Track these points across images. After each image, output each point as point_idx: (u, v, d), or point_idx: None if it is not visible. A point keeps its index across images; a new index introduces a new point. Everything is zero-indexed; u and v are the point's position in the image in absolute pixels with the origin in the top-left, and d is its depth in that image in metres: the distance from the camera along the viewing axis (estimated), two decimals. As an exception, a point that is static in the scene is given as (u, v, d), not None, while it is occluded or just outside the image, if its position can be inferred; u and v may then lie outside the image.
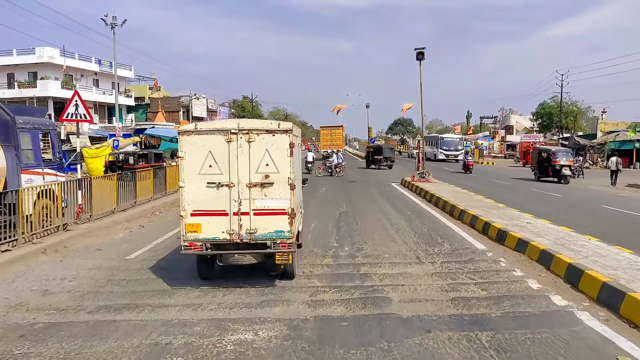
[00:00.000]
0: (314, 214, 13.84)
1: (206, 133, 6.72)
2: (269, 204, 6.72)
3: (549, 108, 64.33)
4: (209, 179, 6.66)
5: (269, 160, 6.71)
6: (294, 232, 6.82)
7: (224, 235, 6.74)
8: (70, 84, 47.32)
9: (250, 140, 6.69)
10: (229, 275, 7.41)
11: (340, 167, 29.29)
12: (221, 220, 6.72)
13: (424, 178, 20.77)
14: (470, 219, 11.44)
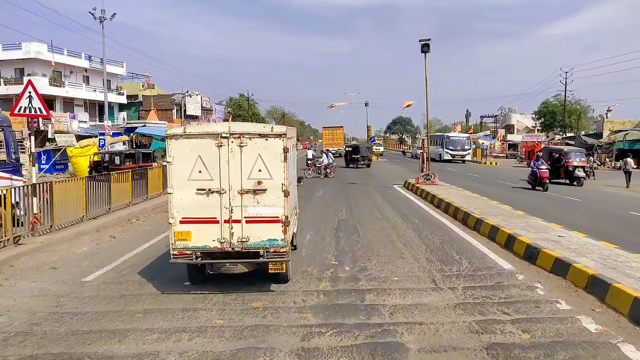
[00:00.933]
0: (310, 221, 12.34)
1: (196, 137, 6.37)
2: (262, 212, 6.40)
3: (552, 107, 62.91)
4: (199, 185, 6.36)
5: (262, 165, 6.38)
6: (287, 239, 6.49)
7: (215, 243, 6.43)
8: (59, 80, 45.72)
9: (242, 144, 6.37)
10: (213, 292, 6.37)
11: (330, 167, 27.49)
12: (212, 228, 6.41)
13: (429, 180, 19.26)
14: (490, 230, 9.93)
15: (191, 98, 52.19)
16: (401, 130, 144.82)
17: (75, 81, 48.03)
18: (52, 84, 44.27)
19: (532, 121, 78.51)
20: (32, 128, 11.82)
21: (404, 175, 27.95)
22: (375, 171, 32.85)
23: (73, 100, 47.50)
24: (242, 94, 75.27)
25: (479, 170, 35.27)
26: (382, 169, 35.21)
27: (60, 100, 46.17)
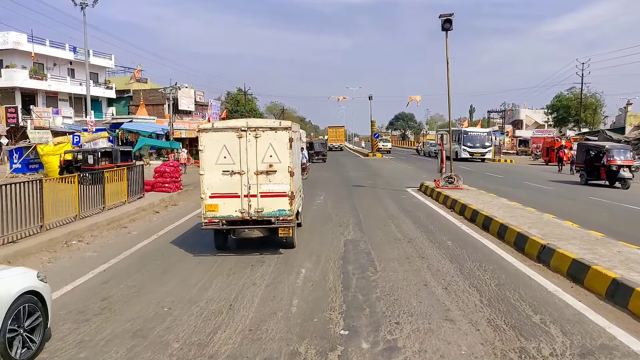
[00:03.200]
0: (307, 244, 9.19)
1: (221, 130, 8.27)
2: (273, 188, 8.23)
3: (566, 100, 59.55)
4: (224, 167, 8.16)
5: (272, 152, 8.17)
6: (293, 210, 8.33)
7: (237, 213, 8.25)
8: (40, 73, 42.53)
9: (257, 136, 8.16)
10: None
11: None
12: (234, 202, 8.23)
13: (452, 184, 16.05)
14: (571, 266, 6.75)
15: (183, 92, 48.92)
16: (404, 126, 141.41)
17: (59, 74, 44.85)
18: (32, 77, 41.11)
19: (543, 116, 75.15)
20: (10, 124, 9.02)
21: (416, 176, 24.79)
22: (383, 171, 29.63)
23: (57, 94, 44.32)
24: (240, 88, 71.80)
25: (497, 169, 32.01)
26: (391, 169, 31.97)
27: (42, 95, 43.00)
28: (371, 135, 56.35)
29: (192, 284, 6.91)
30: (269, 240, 8.97)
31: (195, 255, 8.55)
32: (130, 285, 6.90)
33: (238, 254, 8.61)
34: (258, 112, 77.97)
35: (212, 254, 8.62)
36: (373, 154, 51.26)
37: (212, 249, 8.91)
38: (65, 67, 45.88)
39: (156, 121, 42.25)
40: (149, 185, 16.92)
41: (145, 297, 6.38)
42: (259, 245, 8.96)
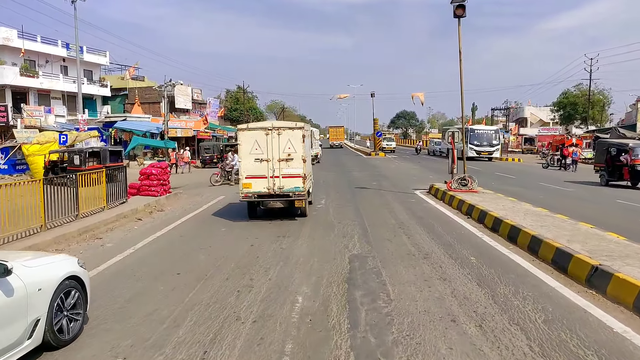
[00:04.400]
0: (306, 260, 7.80)
1: (254, 130, 11.56)
2: (291, 171, 11.35)
3: (573, 97, 57.99)
4: (255, 156, 11.30)
5: (290, 145, 11.35)
6: (305, 188, 11.54)
7: (264, 189, 11.36)
8: (31, 70, 41.14)
9: (279, 133, 11.34)
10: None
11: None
12: (263, 181, 11.34)
13: (465, 186, 14.63)
14: (638, 296, 5.34)
15: (180, 90, 47.51)
16: (405, 124, 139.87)
17: (51, 71, 43.46)
18: (23, 74, 39.71)
19: (548, 114, 73.57)
20: (0, 123, 7.77)
21: (423, 177, 23.39)
22: (387, 171, 28.20)
23: (49, 92, 42.94)
24: (240, 86, 70.34)
25: (506, 169, 30.60)
26: (395, 169, 30.56)
27: (34, 93, 41.60)
28: (373, 133, 54.89)
29: (159, 320, 5.52)
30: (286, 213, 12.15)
31: (175, 275, 7.17)
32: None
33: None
34: (258, 111, 76.58)
35: (196, 278, 7.22)
36: (376, 153, 49.84)
37: (198, 268, 7.53)
38: (58, 64, 44.50)
39: (151, 120, 40.84)
40: (134, 188, 15.55)
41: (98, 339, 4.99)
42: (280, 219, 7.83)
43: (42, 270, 4.74)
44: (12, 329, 4.16)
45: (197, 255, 8.44)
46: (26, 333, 4.32)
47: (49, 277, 4.70)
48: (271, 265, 7.70)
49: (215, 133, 48.75)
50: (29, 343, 4.36)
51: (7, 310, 4.13)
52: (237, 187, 12.09)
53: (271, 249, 8.85)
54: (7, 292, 4.15)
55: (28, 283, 4.39)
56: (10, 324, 4.15)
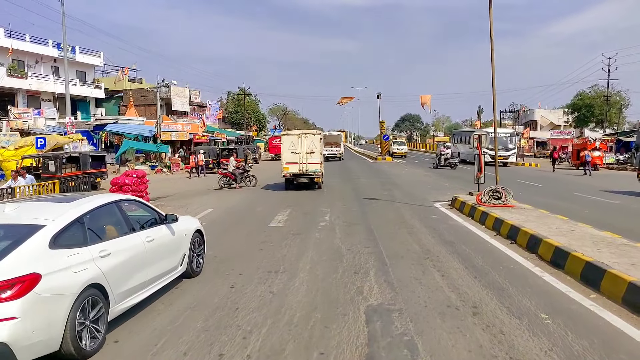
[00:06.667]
0: (306, 323, 5.38)
1: (291, 135, 19.64)
2: (313, 159, 18.96)
3: (589, 99, 55.37)
4: (292, 150, 18.93)
5: (312, 144, 18.96)
6: (322, 171, 19.46)
7: (297, 171, 19.04)
8: (20, 71, 39.01)
9: (306, 137, 19.10)
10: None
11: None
12: (296, 166, 18.97)
13: (498, 200, 12.18)
14: None
15: (176, 91, 45.27)
16: (410, 127, 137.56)
17: (41, 72, 41.31)
18: (11, 75, 37.57)
19: (559, 116, 70.88)
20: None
21: (438, 185, 21.00)
22: (397, 178, 25.75)
23: (39, 94, 40.78)
24: (242, 88, 68.04)
25: (527, 175, 28.12)
26: (406, 175, 28.07)
27: (22, 94, 39.47)
28: (380, 136, 52.43)
29: None
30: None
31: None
32: None
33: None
34: (260, 113, 74.44)
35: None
36: (382, 157, 47.42)
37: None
38: (49, 64, 42.36)
39: (145, 122, 38.58)
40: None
41: None
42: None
43: (186, 223, 7.16)
44: (175, 257, 6.58)
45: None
46: (180, 261, 6.71)
47: (189, 228, 7.15)
48: (253, 327, 5.32)
49: (214, 137, 46.41)
50: (181, 268, 6.78)
51: (173, 245, 6.53)
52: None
53: (257, 294, 6.47)
54: (173, 233, 6.59)
55: (181, 229, 6.80)
56: (174, 253, 6.58)
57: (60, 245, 4.65)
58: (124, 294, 5.30)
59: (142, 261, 5.69)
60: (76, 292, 4.48)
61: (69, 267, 4.54)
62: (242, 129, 60.80)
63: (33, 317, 4.08)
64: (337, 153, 45.99)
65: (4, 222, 4.88)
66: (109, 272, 5.01)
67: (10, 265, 4.14)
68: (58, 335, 4.28)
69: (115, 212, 5.81)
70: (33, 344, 4.08)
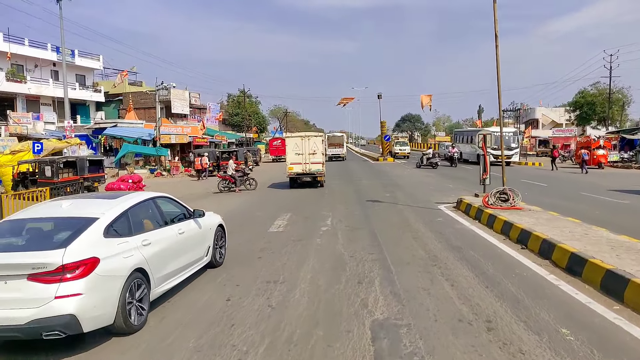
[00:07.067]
0: (306, 343, 4.97)
1: (295, 137, 21.57)
2: (315, 159, 20.44)
3: (591, 97, 54.83)
4: (296, 151, 20.47)
5: (315, 145, 20.43)
6: (324, 171, 20.92)
7: (301, 170, 20.52)
8: (19, 75, 38.74)
9: (309, 138, 20.81)
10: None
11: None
12: (299, 166, 20.45)
13: (506, 202, 11.75)
14: None
15: (176, 94, 44.93)
16: (410, 127, 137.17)
17: (40, 76, 41.01)
18: (10, 79, 37.28)
19: (561, 114, 70.33)
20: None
21: (441, 187, 20.59)
22: (399, 179, 25.33)
23: (39, 98, 40.52)
24: (242, 90, 67.63)
25: (530, 175, 27.67)
26: (408, 176, 27.64)
27: (22, 99, 39.19)
28: (381, 137, 51.99)
29: None
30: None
31: None
32: None
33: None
34: (260, 115, 74.07)
35: None
36: (384, 158, 47.00)
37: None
38: (48, 68, 42.08)
39: (145, 125, 38.24)
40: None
41: None
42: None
43: (211, 218, 7.96)
44: (201, 248, 7.37)
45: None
46: (205, 252, 7.53)
47: (213, 222, 7.98)
48: (250, 347, 4.91)
49: (214, 139, 46.04)
50: (206, 258, 7.59)
51: (200, 237, 7.30)
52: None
53: (255, 307, 6.06)
54: (200, 226, 7.37)
55: (206, 224, 7.63)
56: (201, 245, 7.36)
57: (111, 234, 5.43)
58: (162, 278, 6.04)
59: (175, 251, 6.47)
60: (125, 274, 5.22)
61: (120, 253, 5.29)
62: (243, 131, 60.44)
63: (94, 294, 4.83)
64: (340, 153, 47.66)
65: (64, 216, 5.60)
66: (150, 259, 5.75)
67: (75, 250, 4.86)
68: (112, 310, 5.02)
69: (152, 208, 6.58)
70: (94, 317, 4.84)
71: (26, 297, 4.60)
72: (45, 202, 6.81)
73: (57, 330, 4.61)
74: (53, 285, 4.64)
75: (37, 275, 4.63)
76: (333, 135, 51.71)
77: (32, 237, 5.42)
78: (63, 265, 4.69)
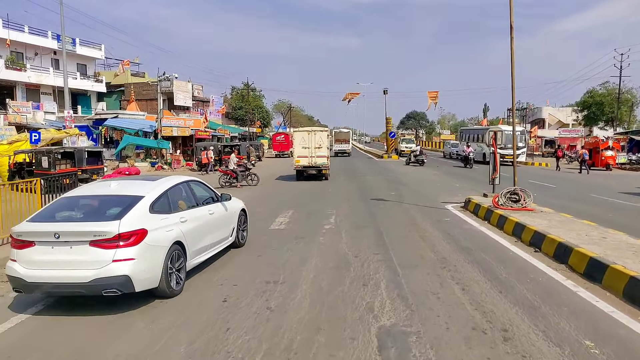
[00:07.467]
0: (305, 347, 4.55)
1: (302, 131, 22.89)
2: (320, 153, 21.61)
3: (599, 97, 54.19)
4: (302, 145, 21.63)
5: (320, 139, 21.67)
6: (329, 164, 22.05)
7: (307, 163, 21.61)
8: (18, 63, 38.32)
9: (315, 133, 22.03)
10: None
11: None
12: (306, 159, 21.57)
13: (517, 202, 11.31)
14: None
15: (179, 86, 44.49)
16: (415, 125, 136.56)
17: (40, 65, 40.59)
18: (9, 67, 36.87)
19: (568, 114, 69.68)
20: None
21: (447, 185, 20.17)
22: (404, 177, 24.87)
23: (39, 87, 40.10)
24: (246, 83, 67.02)
25: (538, 175, 27.20)
26: (413, 174, 27.17)
27: (21, 87, 38.80)
28: (386, 134, 51.48)
29: None
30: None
31: None
32: None
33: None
34: (264, 109, 73.55)
35: None
36: (388, 155, 46.53)
37: None
38: (49, 57, 41.63)
39: (146, 117, 37.83)
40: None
41: None
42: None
43: (235, 202, 8.72)
44: (227, 229, 8.07)
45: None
46: (231, 233, 8.24)
47: (237, 207, 8.73)
48: (245, 354, 4.51)
49: (217, 133, 45.60)
50: (231, 238, 8.28)
51: (226, 219, 8.03)
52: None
53: (252, 310, 5.66)
54: (226, 209, 8.07)
55: (231, 207, 8.35)
56: (227, 226, 8.08)
57: (155, 211, 6.15)
58: (195, 252, 6.80)
59: (207, 229, 7.23)
60: (167, 245, 6.00)
61: (163, 227, 6.06)
62: (246, 125, 59.97)
63: (143, 260, 5.61)
64: (346, 149, 50.00)
65: (114, 193, 6.43)
66: (187, 234, 6.50)
67: (128, 222, 5.62)
68: (157, 275, 5.80)
69: (187, 189, 7.33)
70: (143, 279, 5.64)
71: (88, 260, 5.41)
72: (95, 182, 7.93)
73: (115, 288, 5.42)
74: (111, 251, 5.43)
75: (97, 241, 5.43)
76: (339, 132, 52.96)
77: (88, 211, 6.15)
78: (119, 234, 5.46)
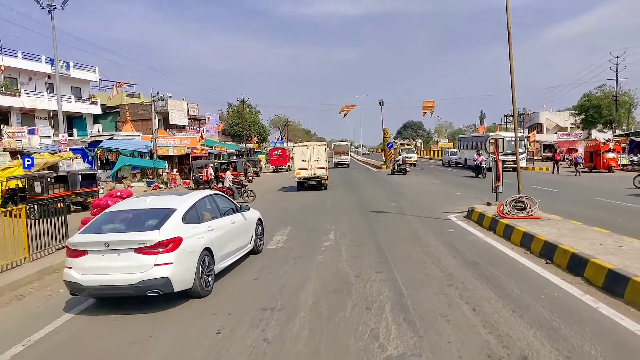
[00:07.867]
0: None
1: (301, 146, 25.02)
2: (319, 165, 23.81)
3: (596, 99, 54.05)
4: (303, 158, 23.94)
5: (319, 153, 23.90)
6: (327, 175, 24.24)
7: (306, 175, 23.90)
8: (12, 88, 38.11)
9: (314, 147, 24.22)
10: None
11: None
12: (306, 170, 23.86)
13: (523, 210, 10.88)
14: None
15: (174, 105, 44.26)
16: (412, 135, 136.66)
17: (35, 89, 40.40)
18: (3, 93, 36.67)
19: (566, 118, 69.53)
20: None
21: (448, 194, 19.76)
22: (404, 187, 24.45)
23: (34, 111, 39.88)
24: (242, 100, 66.93)
25: (540, 180, 26.80)
26: (413, 184, 26.76)
27: (16, 112, 38.56)
28: (383, 144, 51.23)
29: None
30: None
31: None
32: None
33: None
34: (261, 124, 73.41)
35: None
36: (387, 165, 46.17)
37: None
38: (43, 81, 41.46)
39: (142, 137, 37.53)
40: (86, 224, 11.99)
41: None
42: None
43: (253, 213, 9.65)
44: (246, 237, 8.91)
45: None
46: (250, 240, 9.10)
47: (254, 216, 9.65)
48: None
49: (213, 150, 45.28)
50: (250, 245, 9.12)
51: (245, 228, 8.91)
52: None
53: (248, 342, 5.21)
54: (245, 219, 8.97)
55: (249, 217, 9.25)
56: (246, 234, 8.93)
57: (187, 221, 6.96)
58: (221, 257, 7.60)
59: (230, 236, 8.03)
60: (199, 251, 6.82)
61: (194, 235, 6.87)
62: (243, 142, 59.73)
63: (179, 264, 6.40)
64: (345, 160, 52.61)
65: (150, 207, 7.25)
66: (214, 241, 7.32)
67: (166, 231, 6.44)
68: (192, 277, 6.60)
69: (212, 202, 8.19)
70: (180, 280, 6.43)
71: (134, 265, 6.19)
72: (131, 198, 8.72)
73: (157, 289, 6.21)
74: (152, 257, 6.22)
75: (141, 249, 6.23)
76: (339, 144, 56.49)
77: (129, 223, 6.90)
78: (159, 242, 6.27)
